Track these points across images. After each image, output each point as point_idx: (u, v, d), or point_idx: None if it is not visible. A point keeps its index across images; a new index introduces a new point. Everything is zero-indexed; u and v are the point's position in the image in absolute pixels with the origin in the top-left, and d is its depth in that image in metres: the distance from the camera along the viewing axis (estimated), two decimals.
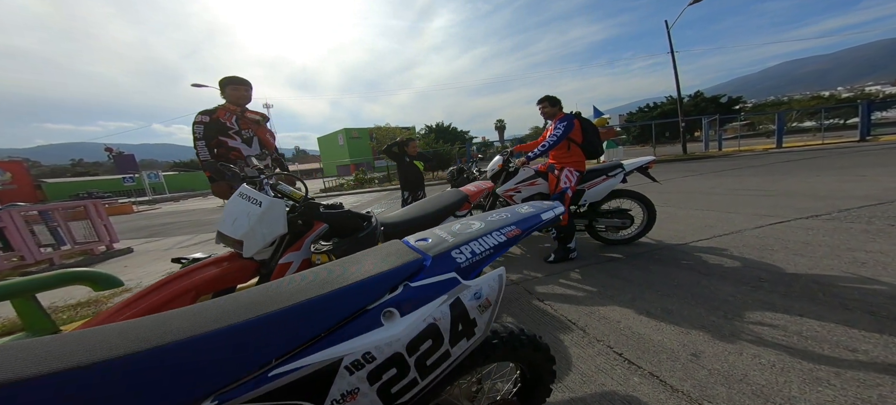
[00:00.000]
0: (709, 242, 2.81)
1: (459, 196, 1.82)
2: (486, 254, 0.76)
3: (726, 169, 7.95)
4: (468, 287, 0.65)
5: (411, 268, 0.64)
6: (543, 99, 2.71)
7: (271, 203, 1.24)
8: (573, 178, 2.66)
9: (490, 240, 0.79)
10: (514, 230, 0.84)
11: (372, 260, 0.67)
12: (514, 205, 1.05)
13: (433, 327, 0.60)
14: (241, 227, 1.23)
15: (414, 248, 0.71)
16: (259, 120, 2.14)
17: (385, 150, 3.70)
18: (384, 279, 0.60)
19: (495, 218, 0.89)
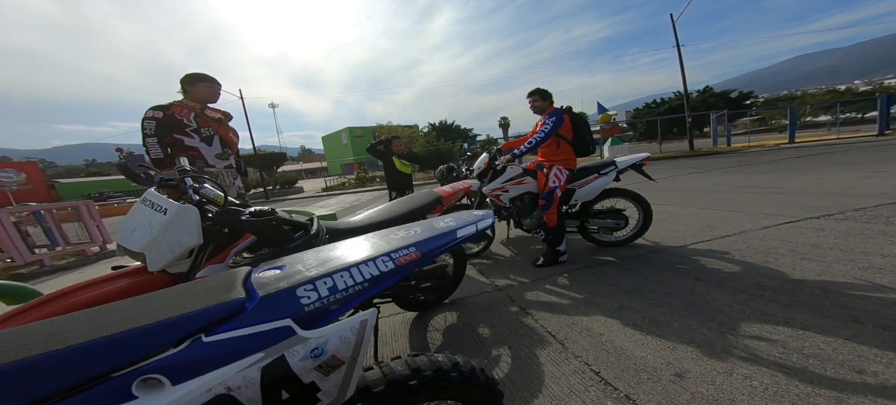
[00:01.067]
0: (709, 244, 2.64)
1: (431, 198, 1.69)
2: (357, 290, 0.60)
3: (734, 165, 7.66)
4: (304, 340, 0.49)
5: (217, 314, 0.47)
6: (534, 92, 2.57)
7: (179, 210, 1.12)
8: (562, 177, 2.52)
9: (368, 269, 0.63)
10: (411, 254, 0.69)
11: (175, 298, 0.51)
12: (433, 219, 0.93)
13: (225, 401, 0.43)
14: (142, 238, 1.11)
15: (252, 283, 0.56)
16: (221, 118, 2.04)
17: (369, 148, 3.59)
18: (160, 331, 0.43)
19: (397, 236, 0.76)
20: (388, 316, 1.97)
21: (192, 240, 1.11)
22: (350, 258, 0.65)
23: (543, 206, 2.50)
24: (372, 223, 1.44)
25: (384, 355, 1.58)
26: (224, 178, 2.01)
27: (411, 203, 1.62)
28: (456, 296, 2.17)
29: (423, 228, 0.80)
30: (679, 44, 13.38)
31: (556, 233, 2.52)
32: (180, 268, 1.19)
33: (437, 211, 1.66)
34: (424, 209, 1.60)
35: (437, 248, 0.75)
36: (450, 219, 0.86)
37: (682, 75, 13.68)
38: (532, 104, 2.59)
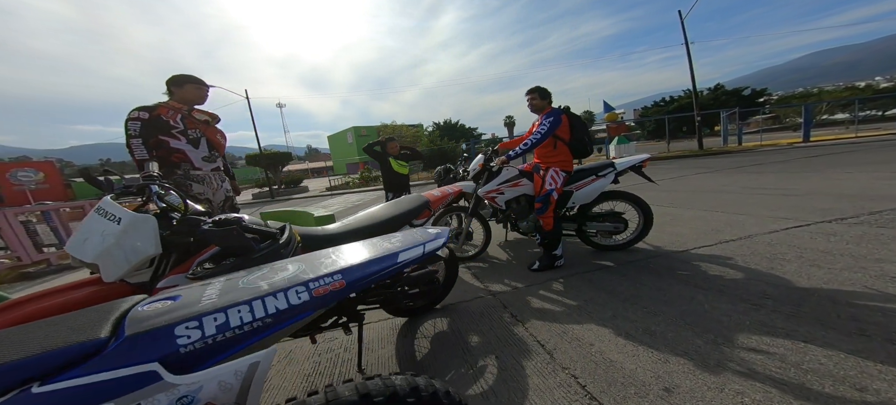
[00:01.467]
0: (712, 249, 2.55)
1: (418, 202, 1.65)
2: (254, 327, 0.52)
3: (744, 165, 7.45)
4: (170, 387, 0.42)
5: (59, 358, 0.40)
6: (533, 90, 2.50)
7: (133, 220, 1.07)
8: (559, 179, 2.46)
9: (275, 302, 0.55)
10: (333, 284, 0.62)
11: (21, 337, 0.44)
12: (377, 238, 0.88)
13: None
14: (93, 248, 1.06)
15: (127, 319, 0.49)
16: (208, 120, 2.03)
17: (366, 148, 3.57)
18: None
19: (322, 261, 0.69)
20: (377, 322, 1.95)
21: (148, 249, 1.08)
22: (260, 287, 0.58)
23: (539, 210, 2.45)
24: (350, 231, 1.40)
25: (369, 363, 1.56)
26: (212, 181, 2.00)
27: (396, 208, 1.58)
28: (448, 302, 2.13)
29: (364, 249, 0.75)
30: (687, 41, 13.08)
31: (552, 237, 2.47)
32: (141, 277, 1.16)
33: (425, 216, 1.62)
34: (411, 214, 1.56)
35: (370, 275, 0.68)
36: (397, 240, 0.81)
37: (691, 73, 13.37)
38: (530, 102, 2.54)
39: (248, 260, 0.93)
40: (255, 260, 0.93)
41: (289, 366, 1.60)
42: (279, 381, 1.49)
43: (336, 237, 1.31)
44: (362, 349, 1.44)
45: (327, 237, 1.31)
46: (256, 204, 14.13)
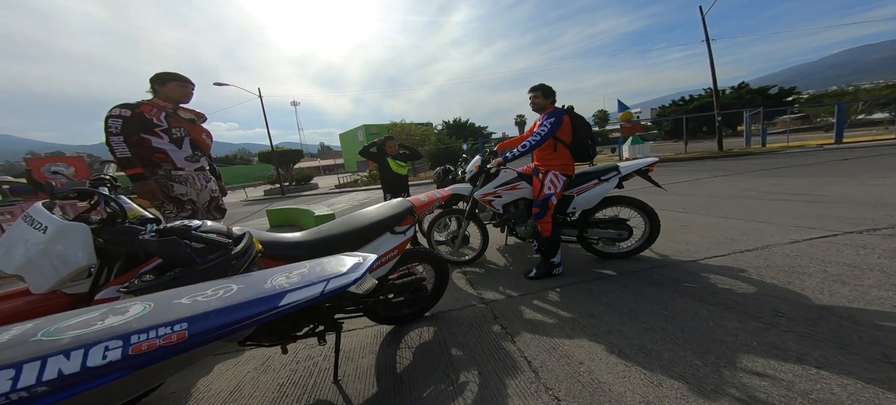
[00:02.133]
0: (725, 260, 2.38)
1: (402, 207, 1.57)
2: (15, 400, 0.39)
3: (768, 168, 7.04)
4: None
5: None
6: (537, 87, 2.38)
7: (61, 228, 0.99)
8: (559, 183, 2.35)
9: (60, 364, 0.41)
10: (170, 336, 0.50)
11: None
12: (269, 271, 0.77)
13: None
14: (14, 259, 0.98)
15: None
16: (193, 118, 2.00)
17: (362, 151, 3.53)
18: None
19: (173, 302, 0.57)
20: (361, 329, 1.90)
21: (80, 260, 0.99)
22: (60, 341, 0.45)
23: (537, 215, 2.35)
24: (319, 239, 1.32)
25: (347, 374, 1.52)
26: (195, 182, 1.99)
27: (375, 214, 1.51)
28: (439, 309, 2.07)
29: (238, 288, 0.62)
30: (708, 36, 12.49)
31: (550, 243, 2.36)
32: (80, 288, 1.09)
33: (408, 222, 1.55)
34: (392, 220, 1.49)
35: (229, 326, 0.55)
36: (297, 273, 0.72)
37: (712, 70, 12.77)
38: (533, 100, 2.42)
39: (193, 272, 0.89)
40: (201, 272, 0.89)
41: (263, 374, 1.57)
42: (251, 390, 1.46)
43: (302, 245, 1.25)
44: (339, 359, 1.39)
45: (292, 245, 1.25)
46: (267, 200, 14.46)
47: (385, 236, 1.44)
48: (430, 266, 1.87)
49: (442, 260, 1.88)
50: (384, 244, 1.43)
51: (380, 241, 1.43)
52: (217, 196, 2.19)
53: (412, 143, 20.54)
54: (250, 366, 1.64)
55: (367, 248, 1.37)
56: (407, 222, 1.51)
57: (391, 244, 1.44)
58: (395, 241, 1.47)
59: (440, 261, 1.86)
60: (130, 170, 1.73)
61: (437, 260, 1.85)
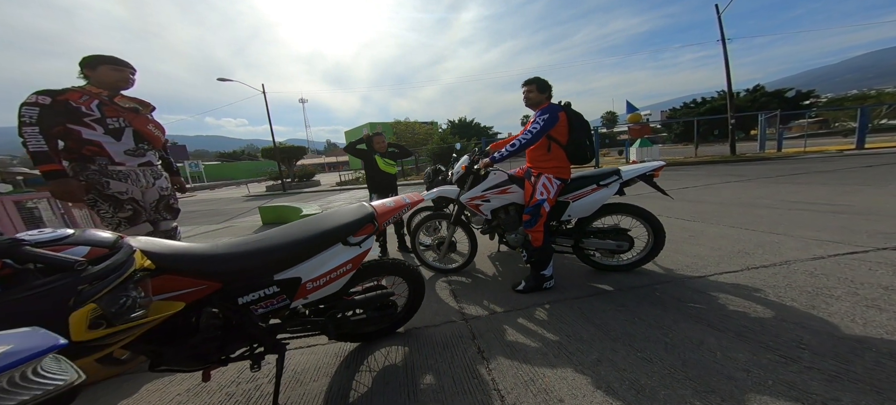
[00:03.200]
0: (737, 277, 2.13)
1: (359, 214, 1.34)
2: None
3: (784, 174, 6.66)
4: None
5: None
6: (531, 81, 2.16)
7: None
8: (552, 188, 2.12)
9: None
10: None
11: None
12: None
13: None
14: None
15: None
16: (137, 108, 1.79)
17: (348, 148, 3.34)
18: None
19: None
20: (320, 345, 1.71)
21: None
22: None
23: (528, 222, 2.12)
24: (242, 252, 1.06)
25: (291, 400, 1.33)
26: (138, 178, 1.80)
27: (325, 222, 1.28)
28: (414, 325, 1.87)
29: None
30: (723, 35, 12.02)
31: (540, 255, 2.14)
32: None
33: (367, 231, 1.35)
34: (343, 230, 1.25)
35: None
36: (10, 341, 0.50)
37: (727, 70, 12.28)
38: (526, 95, 2.19)
39: (11, 299, 0.67)
40: (24, 299, 0.67)
41: (195, 397, 1.39)
42: None
43: (215, 260, 1.04)
44: (280, 386, 1.21)
45: (202, 259, 1.00)
46: (267, 196, 14.45)
47: (334, 249, 1.23)
48: (403, 279, 1.67)
49: (417, 273, 1.67)
50: (331, 259, 1.22)
51: (326, 256, 1.21)
52: (168, 194, 2.00)
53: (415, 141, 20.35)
54: (183, 386, 1.46)
55: (308, 264, 1.17)
56: (364, 232, 1.31)
57: (342, 258, 1.24)
58: (347, 254, 1.26)
59: (414, 274, 1.66)
60: (45, 165, 1.49)
61: (411, 273, 1.65)
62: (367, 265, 1.51)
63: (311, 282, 1.17)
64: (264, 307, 1.11)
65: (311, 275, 1.17)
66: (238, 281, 1.06)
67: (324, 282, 1.20)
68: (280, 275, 1.11)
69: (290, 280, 1.12)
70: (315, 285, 1.18)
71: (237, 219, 8.27)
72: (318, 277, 1.18)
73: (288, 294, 1.13)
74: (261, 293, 1.09)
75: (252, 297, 1.08)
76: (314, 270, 1.17)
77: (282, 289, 1.11)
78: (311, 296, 1.20)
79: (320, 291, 1.21)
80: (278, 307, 1.14)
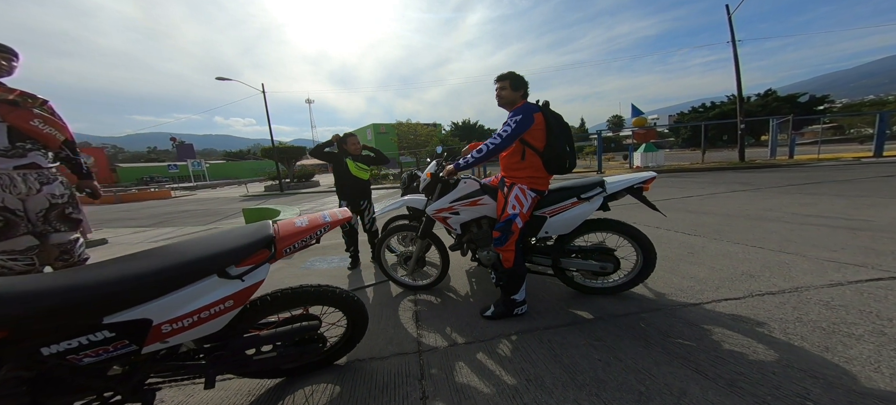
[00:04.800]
0: (739, 306, 1.85)
1: (248, 239, 1.06)
2: None
3: (795, 183, 6.28)
4: None
5: None
6: (505, 77, 1.89)
7: None
8: (526, 201, 1.86)
9: None
10: None
11: None
12: None
13: None
14: None
15: None
16: (16, 100, 1.54)
17: (314, 151, 3.09)
18: None
19: None
20: (228, 378, 1.47)
21: None
22: None
23: (497, 240, 1.87)
24: (40, 291, 0.81)
25: None
26: (15, 184, 1.55)
27: (198, 248, 1.02)
28: (358, 356, 1.64)
29: None
30: (734, 36, 11.59)
31: (511, 277, 1.89)
32: None
33: (256, 260, 1.05)
34: (220, 259, 0.99)
35: None
36: None
37: (737, 73, 11.85)
38: (499, 93, 1.91)
39: None
40: None
41: None
42: None
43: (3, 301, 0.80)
44: None
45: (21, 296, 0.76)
46: (264, 196, 14.38)
47: (205, 282, 0.97)
48: (340, 310, 1.42)
49: (355, 303, 1.43)
50: (200, 295, 0.96)
51: (191, 291, 0.96)
52: (64, 203, 1.72)
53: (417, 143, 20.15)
54: None
55: (162, 302, 0.92)
56: (252, 260, 1.04)
57: (217, 294, 0.98)
58: (225, 289, 1.00)
59: (351, 303, 1.42)
60: None
61: (347, 302, 1.40)
62: (294, 292, 1.27)
63: (168, 323, 0.93)
64: (95, 355, 0.87)
65: (166, 316, 0.93)
66: (36, 326, 0.81)
67: (190, 323, 0.96)
68: (115, 316, 0.87)
69: (134, 322, 0.88)
70: (176, 327, 0.94)
71: (227, 220, 8.14)
72: (179, 318, 0.94)
73: (133, 339, 0.90)
74: (83, 340, 0.85)
75: (67, 346, 0.84)
76: (172, 310, 0.93)
77: (120, 334, 0.88)
78: (173, 340, 0.96)
79: (186, 333, 0.97)
80: (119, 355, 0.91)
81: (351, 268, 3.02)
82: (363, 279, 2.77)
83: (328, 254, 3.56)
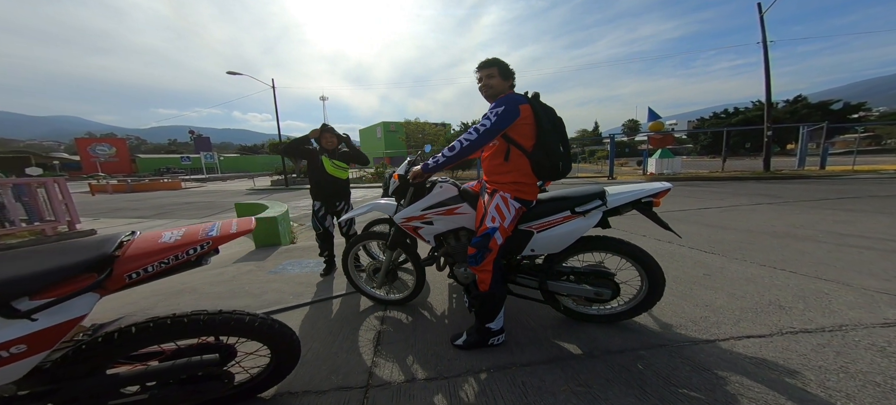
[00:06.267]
0: (764, 345, 1.51)
1: (85, 255, 0.82)
2: None
3: (828, 197, 5.71)
4: None
5: None
6: (491, 63, 1.58)
7: None
8: (508, 213, 1.56)
9: None
10: None
11: None
12: None
13: None
14: None
15: None
16: None
17: (286, 149, 2.80)
18: None
19: None
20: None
21: None
22: None
23: (472, 257, 1.56)
24: None
25: None
26: None
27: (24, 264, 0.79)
28: (290, 387, 1.38)
29: None
30: (765, 37, 10.83)
31: (486, 303, 1.59)
32: None
33: (71, 288, 0.79)
34: (8, 287, 0.74)
35: None
36: None
37: (767, 76, 11.08)
38: (486, 82, 1.59)
39: None
40: None
41: None
42: None
43: None
44: None
45: None
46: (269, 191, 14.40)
47: None
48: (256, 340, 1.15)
49: (276, 331, 1.16)
50: None
51: None
52: None
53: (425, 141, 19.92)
54: None
55: None
56: (61, 290, 0.78)
57: (9, 335, 0.74)
58: (12, 331, 0.75)
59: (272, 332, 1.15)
60: None
61: (266, 333, 1.13)
62: (174, 322, 0.99)
63: None
64: None
65: None
66: None
67: None
68: None
69: None
70: None
71: (224, 213, 8.10)
72: None
73: None
74: None
75: None
76: None
77: None
78: None
79: None
80: None
81: (324, 274, 2.77)
82: (333, 288, 2.52)
83: (304, 258, 3.34)
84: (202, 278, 2.90)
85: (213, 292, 2.57)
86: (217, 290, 2.60)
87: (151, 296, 2.53)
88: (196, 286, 2.70)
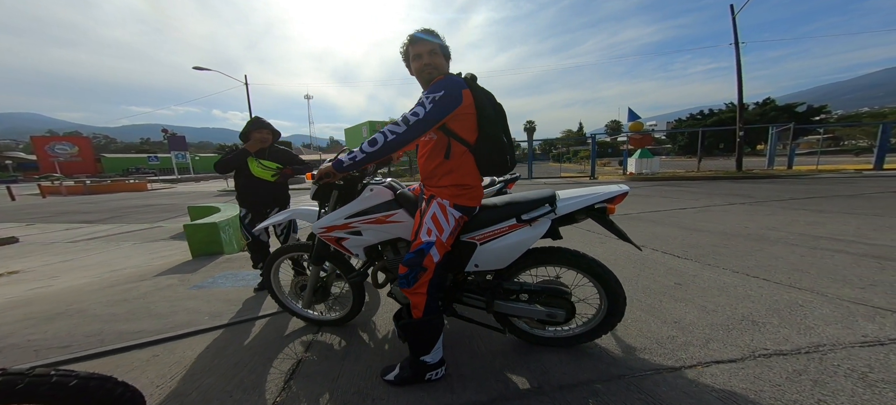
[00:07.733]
0: (734, 372, 1.31)
1: None
2: None
3: (797, 197, 5.79)
4: None
5: None
6: (432, 33, 1.30)
7: None
8: (446, 224, 1.29)
9: None
10: None
11: None
12: None
13: None
14: None
15: None
16: None
17: (221, 164, 2.34)
18: None
19: None
20: None
21: None
22: None
23: (403, 278, 1.28)
24: None
25: None
26: None
27: None
28: None
29: None
30: (737, 39, 11.11)
31: (419, 332, 1.32)
32: None
33: None
34: None
35: None
36: None
37: (739, 77, 11.36)
38: (430, 59, 1.28)
39: None
40: None
41: None
42: None
43: None
44: None
45: None
46: None
47: None
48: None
49: (95, 382, 0.85)
50: None
51: None
52: None
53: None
54: None
55: None
56: None
57: None
58: None
59: (101, 400, 0.83)
60: None
61: (86, 399, 0.81)
62: None
63: None
64: None
65: None
66: None
67: None
68: None
69: None
70: None
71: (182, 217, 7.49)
72: None
73: None
74: None
75: None
76: None
77: None
78: None
79: None
80: None
81: (257, 289, 2.43)
82: (263, 306, 2.19)
83: (245, 269, 2.98)
84: (103, 295, 2.49)
85: (105, 314, 2.14)
86: (113, 311, 2.18)
87: (23, 319, 2.11)
88: (86, 307, 2.27)
